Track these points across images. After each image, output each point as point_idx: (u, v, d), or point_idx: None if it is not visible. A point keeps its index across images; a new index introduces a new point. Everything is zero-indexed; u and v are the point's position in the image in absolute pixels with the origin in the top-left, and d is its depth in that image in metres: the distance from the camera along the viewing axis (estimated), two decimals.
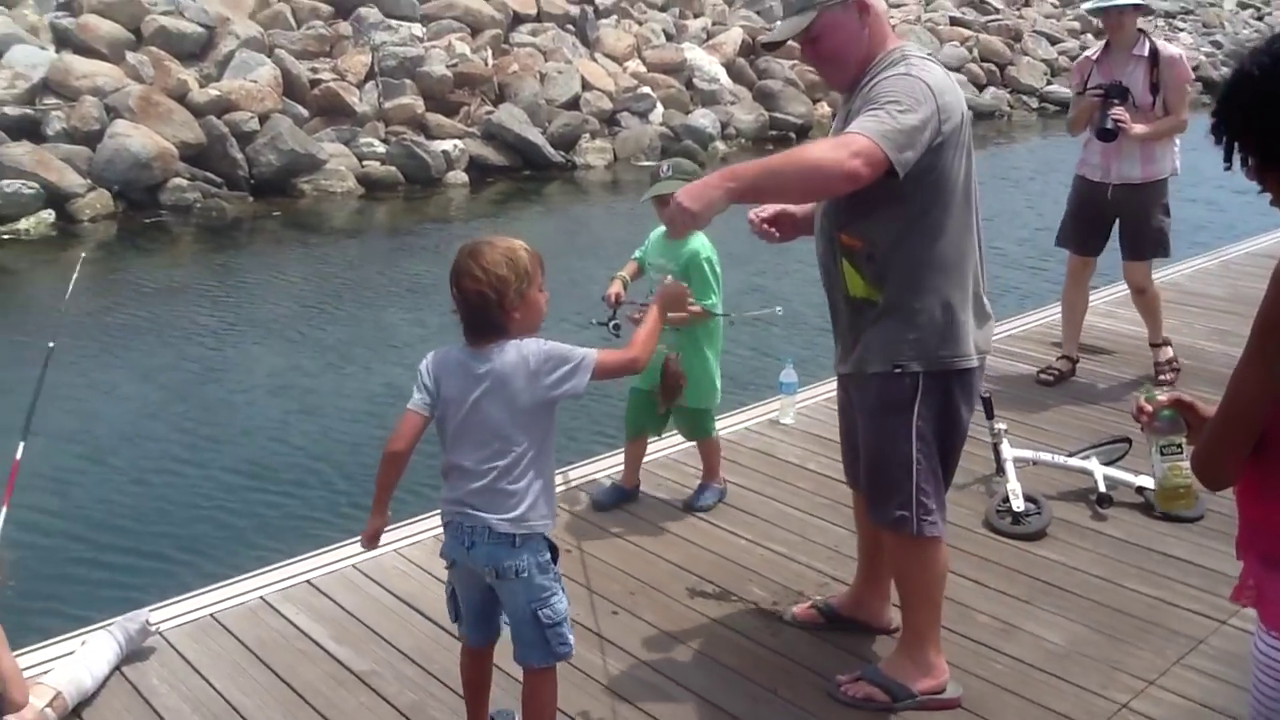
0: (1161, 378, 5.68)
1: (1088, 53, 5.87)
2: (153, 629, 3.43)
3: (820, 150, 2.65)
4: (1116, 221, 5.66)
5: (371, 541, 2.85)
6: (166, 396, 7.26)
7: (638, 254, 4.37)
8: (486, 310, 2.55)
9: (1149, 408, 2.03)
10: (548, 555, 2.69)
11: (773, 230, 3.23)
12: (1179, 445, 2.03)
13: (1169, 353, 5.87)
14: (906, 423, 2.93)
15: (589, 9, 19.42)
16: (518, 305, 2.56)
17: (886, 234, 2.83)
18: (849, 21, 2.82)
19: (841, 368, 3.13)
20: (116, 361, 7.96)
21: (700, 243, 4.10)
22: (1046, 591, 3.78)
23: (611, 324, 4.11)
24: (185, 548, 5.18)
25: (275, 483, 5.96)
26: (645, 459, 4.55)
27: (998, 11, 26.51)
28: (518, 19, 18.58)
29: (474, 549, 2.64)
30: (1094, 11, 5.97)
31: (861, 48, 2.86)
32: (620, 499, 4.42)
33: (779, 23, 2.94)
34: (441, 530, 2.78)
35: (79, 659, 3.21)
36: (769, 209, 3.22)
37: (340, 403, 7.17)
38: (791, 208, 3.22)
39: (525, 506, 2.61)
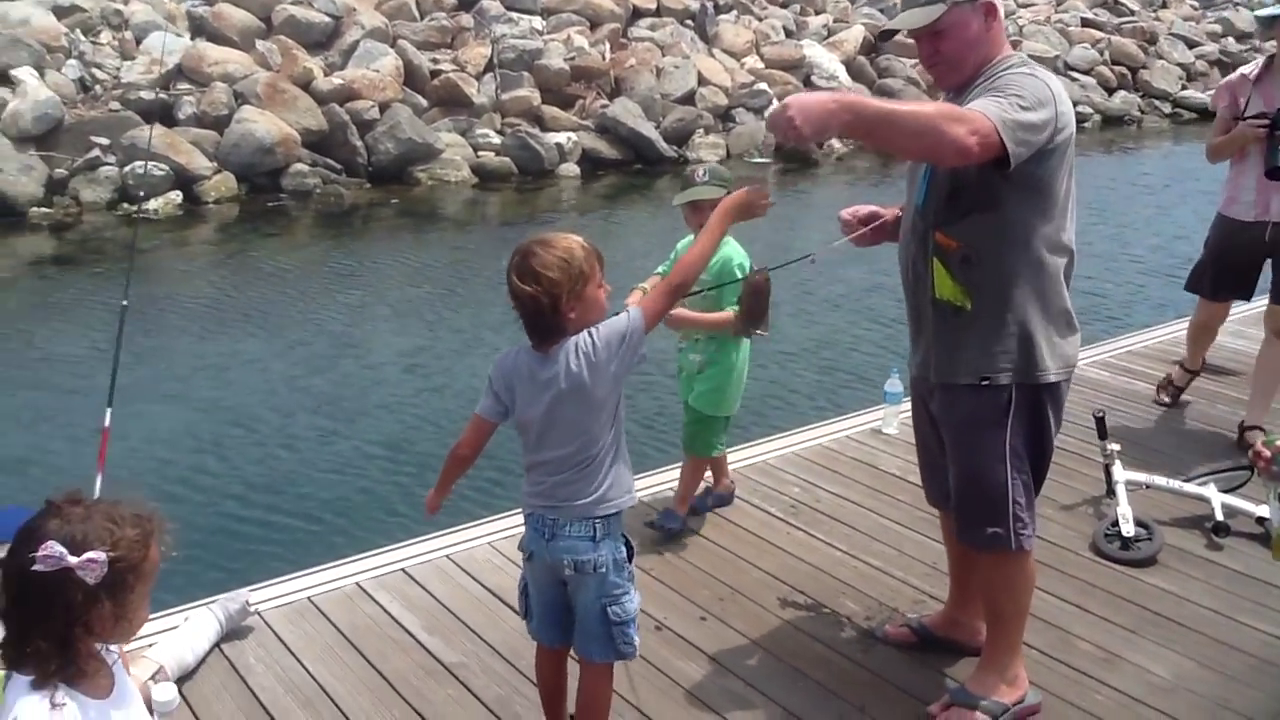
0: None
1: (1243, 70, 5.05)
2: (252, 609, 3.52)
3: (942, 114, 2.53)
4: (1268, 262, 5.03)
5: (431, 511, 2.93)
6: (277, 380, 7.46)
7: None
8: (541, 314, 2.53)
9: (1267, 452, 1.92)
10: (624, 552, 2.70)
11: (866, 231, 3.13)
12: None
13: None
14: (1000, 440, 2.86)
15: (709, 4, 19.34)
16: (574, 305, 2.53)
17: (985, 237, 2.76)
18: (974, 21, 2.77)
19: (921, 372, 3.04)
20: (229, 343, 8.21)
21: (733, 248, 3.93)
22: (1154, 622, 3.63)
23: None
24: (286, 531, 5.32)
25: (376, 470, 6.07)
26: (739, 464, 4.51)
27: (1133, 13, 25.61)
28: (637, 13, 18.62)
29: (554, 541, 2.64)
30: (1265, 21, 4.90)
31: (981, 50, 2.81)
32: (717, 503, 4.37)
33: (903, 12, 2.83)
34: None
35: (182, 635, 3.31)
36: (865, 209, 3.14)
37: (445, 393, 7.28)
38: (884, 212, 3.13)
39: (606, 486, 2.63)
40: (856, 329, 8.67)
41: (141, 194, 12.27)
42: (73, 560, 1.70)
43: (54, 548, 1.69)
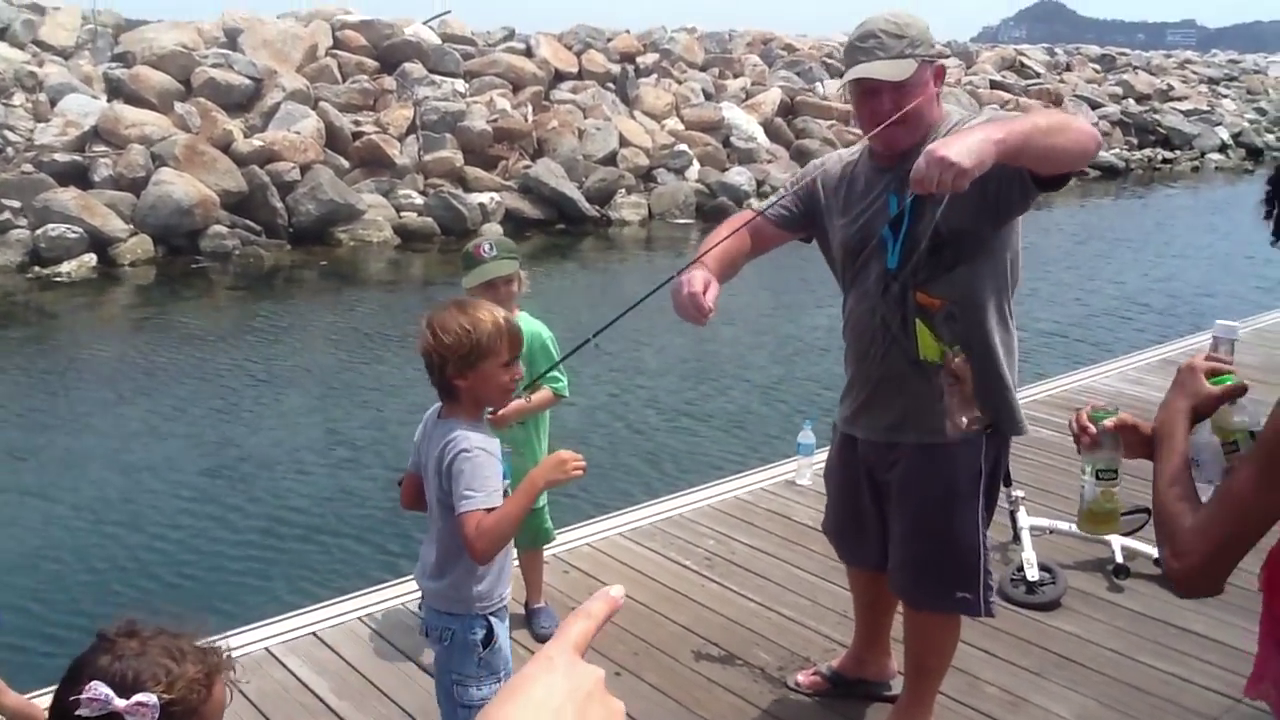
0: None
1: None
2: None
3: (1059, 114, 2.52)
4: None
5: None
6: (190, 445, 7.34)
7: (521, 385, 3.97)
8: (432, 370, 2.51)
9: (1093, 428, 1.94)
10: (479, 635, 2.58)
11: (711, 308, 2.68)
12: (1115, 470, 1.94)
13: None
14: (975, 502, 2.83)
15: (629, 68, 19.70)
16: (465, 374, 2.46)
17: (967, 292, 2.72)
18: (930, 83, 2.71)
19: (876, 436, 2.94)
20: (142, 409, 8.06)
21: (537, 325, 3.71)
22: (1059, 664, 3.71)
23: None
24: (194, 597, 5.20)
25: (284, 532, 5.98)
26: (657, 517, 4.53)
27: (1038, 76, 26.63)
28: (559, 76, 18.89)
29: (427, 616, 2.67)
30: None
31: (932, 112, 2.75)
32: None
33: (868, 64, 2.67)
34: None
35: None
36: (702, 283, 2.66)
37: (354, 454, 7.21)
38: (715, 277, 2.75)
39: (446, 586, 2.56)
40: (767, 382, 8.78)
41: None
42: (120, 704, 1.49)
43: (99, 689, 1.49)
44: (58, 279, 11.90)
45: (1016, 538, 4.37)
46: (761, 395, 8.45)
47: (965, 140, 2.22)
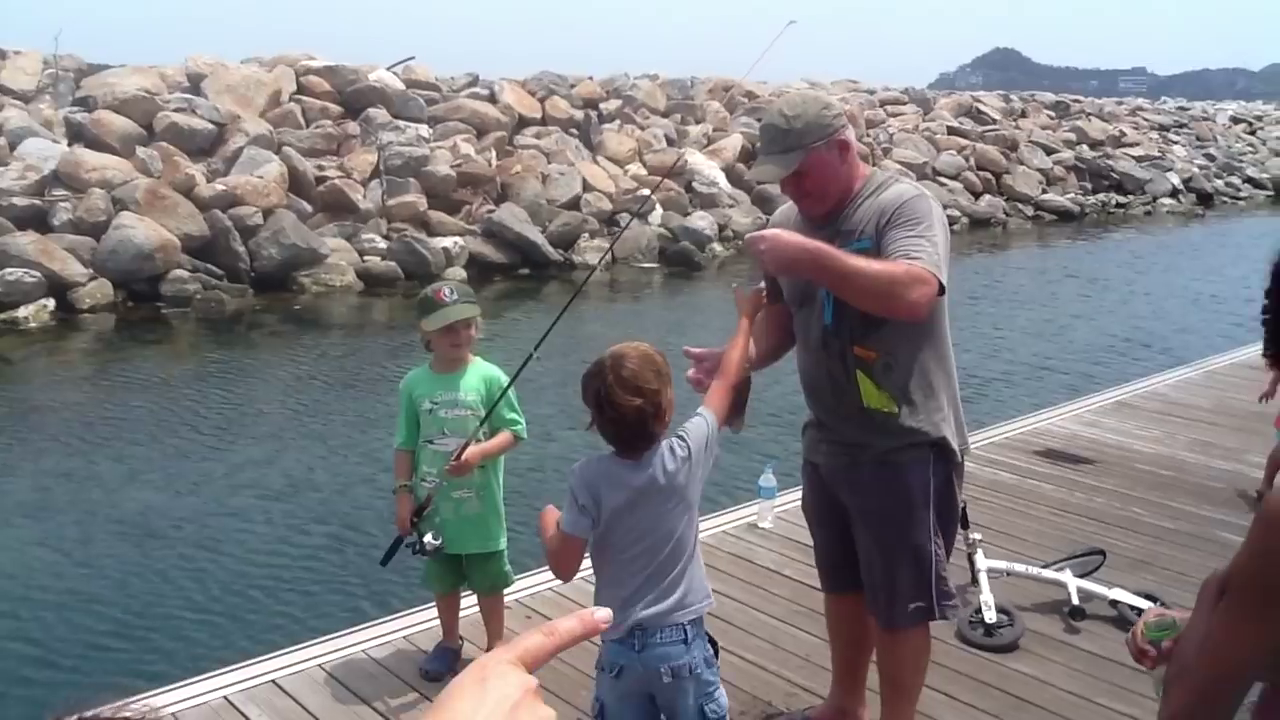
0: None
1: None
2: None
3: (899, 278, 2.70)
4: None
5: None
6: (145, 492, 7.26)
7: (399, 439, 3.82)
8: (644, 424, 2.56)
9: (1153, 651, 1.78)
10: (711, 649, 2.73)
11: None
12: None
13: None
14: (925, 515, 3.03)
15: (593, 114, 19.88)
16: (667, 411, 2.61)
17: (900, 342, 2.95)
18: (831, 159, 2.94)
19: (834, 461, 3.15)
20: (99, 457, 7.97)
21: (494, 370, 3.78)
22: (1018, 707, 3.74)
23: (419, 544, 3.68)
24: (149, 644, 5.13)
25: (244, 580, 5.91)
26: None
27: (995, 122, 27.10)
28: (523, 122, 19.03)
29: (645, 651, 2.62)
30: None
31: (841, 182, 2.99)
32: (454, 661, 3.94)
33: (763, 163, 3.00)
34: (396, 638, 2.75)
35: None
36: (704, 356, 3.03)
37: (316, 501, 7.17)
38: (718, 352, 3.01)
39: (694, 588, 2.68)
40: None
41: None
42: None
43: None
44: (15, 324, 11.77)
45: (974, 580, 4.42)
46: (723, 439, 8.47)
47: (789, 243, 2.71)
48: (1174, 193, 27.74)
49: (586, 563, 2.77)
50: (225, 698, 3.69)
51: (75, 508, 6.94)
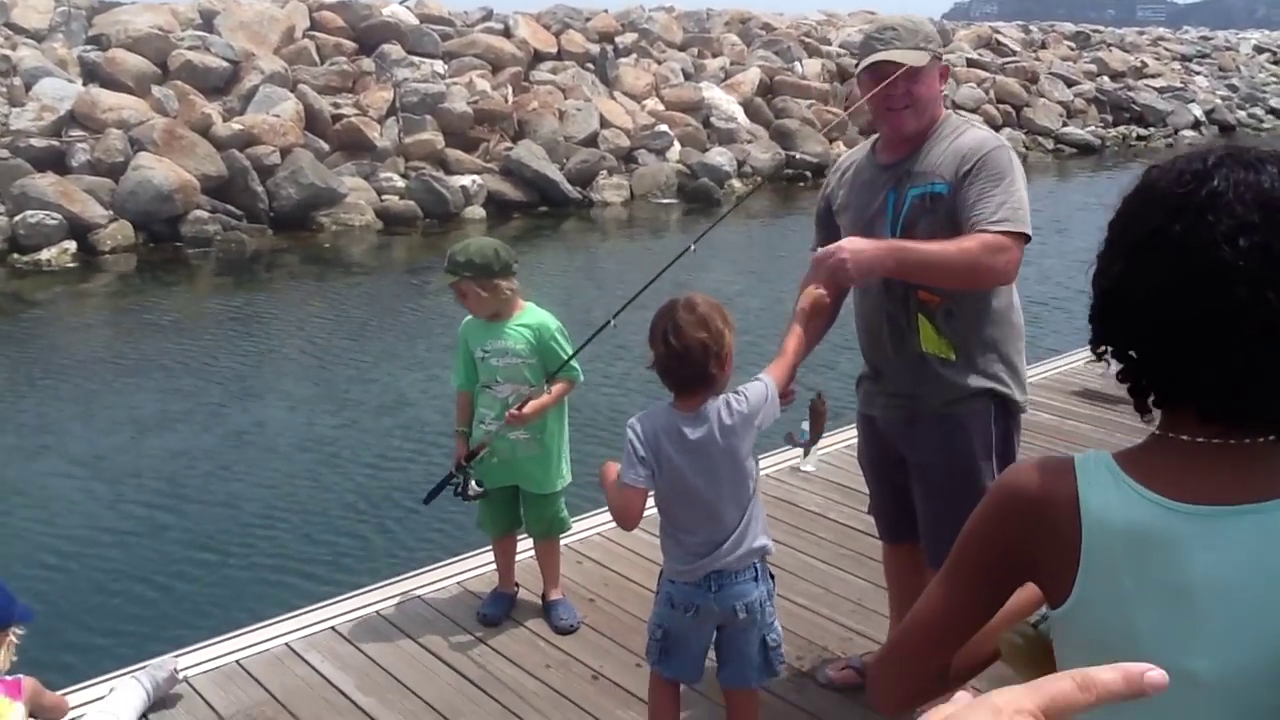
0: None
1: None
2: (180, 676, 3.44)
3: (981, 250, 2.69)
4: None
5: None
6: (184, 435, 7.29)
7: (456, 381, 3.89)
8: (706, 363, 2.63)
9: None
10: (772, 583, 2.89)
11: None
12: None
13: None
14: (989, 464, 2.99)
15: (609, 48, 19.64)
16: (728, 358, 2.69)
17: (966, 291, 2.92)
18: (937, 79, 2.96)
19: (892, 414, 3.12)
20: (135, 398, 8.01)
21: (543, 315, 3.80)
22: None
23: (462, 488, 3.71)
24: (211, 591, 5.18)
25: (297, 526, 5.94)
26: None
27: (1014, 53, 26.71)
28: (538, 57, 18.80)
29: (722, 590, 2.75)
30: None
31: (937, 106, 2.97)
32: (509, 607, 3.98)
33: (887, 50, 2.86)
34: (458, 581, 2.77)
35: (108, 705, 3.22)
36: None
37: (362, 442, 7.19)
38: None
39: (760, 528, 2.81)
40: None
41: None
42: None
43: None
44: (38, 266, 11.77)
45: None
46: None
47: (868, 249, 2.67)
48: (1196, 125, 27.36)
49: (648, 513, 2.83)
50: (287, 644, 3.73)
51: (111, 452, 6.98)
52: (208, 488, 6.42)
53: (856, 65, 3.03)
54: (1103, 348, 1.28)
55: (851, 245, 2.67)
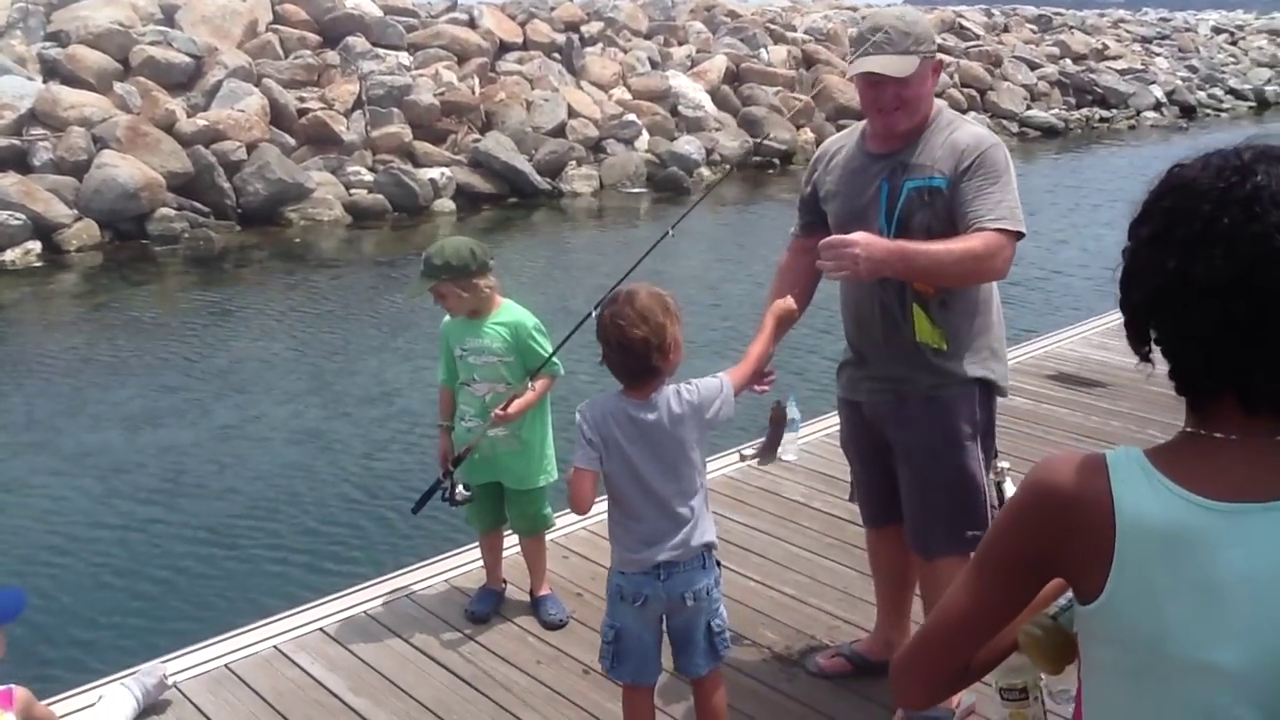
0: None
1: None
2: (169, 682, 3.42)
3: (983, 251, 2.78)
4: None
5: None
6: (165, 436, 7.22)
7: (442, 375, 3.91)
8: (649, 356, 2.68)
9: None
10: (718, 569, 2.93)
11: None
12: (1022, 688, 1.63)
13: None
14: (976, 446, 3.10)
15: (574, 37, 19.55)
16: (672, 348, 2.72)
17: None
18: (930, 77, 2.95)
19: (877, 396, 3.16)
20: (106, 400, 7.93)
21: (520, 313, 3.79)
22: None
23: (449, 493, 3.70)
24: (197, 595, 5.14)
25: (282, 526, 5.90)
26: None
27: (978, 38, 26.83)
28: (504, 47, 18.69)
29: (670, 579, 2.79)
30: None
31: (926, 105, 2.99)
32: (497, 603, 3.99)
33: (877, 57, 2.88)
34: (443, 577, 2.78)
35: (96, 714, 3.21)
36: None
37: (343, 439, 7.15)
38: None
39: (708, 519, 2.85)
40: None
41: None
42: None
43: None
44: (1, 267, 11.61)
45: (1003, 506, 4.48)
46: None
47: (879, 248, 2.71)
48: (1157, 106, 27.60)
49: (603, 508, 2.90)
50: (276, 647, 3.72)
51: (83, 455, 6.90)
52: (189, 490, 6.37)
53: (849, 59, 3.04)
54: (1147, 347, 1.30)
55: (866, 241, 2.69)
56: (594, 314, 2.95)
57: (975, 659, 1.41)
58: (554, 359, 3.76)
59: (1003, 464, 4.55)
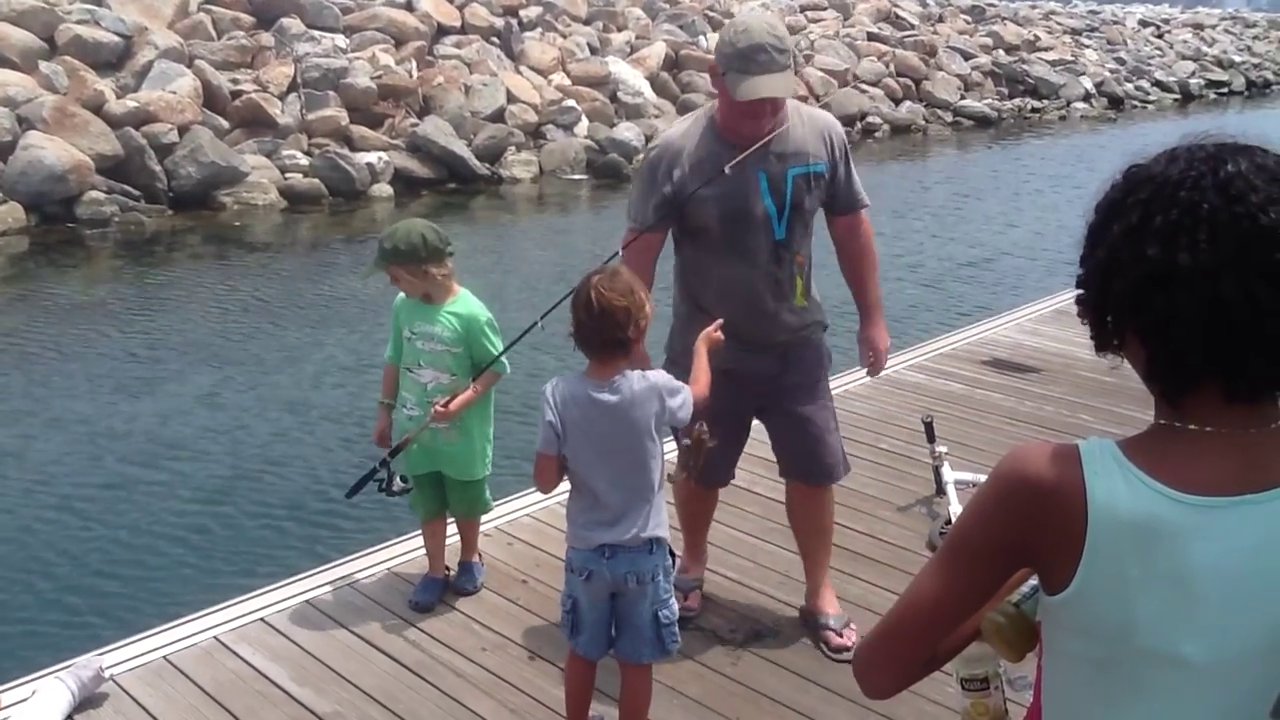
0: None
1: None
2: (106, 675, 3.37)
3: (872, 237, 3.63)
4: None
5: None
6: (96, 425, 7.08)
7: (390, 352, 3.90)
8: (626, 325, 2.73)
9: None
10: (670, 561, 2.97)
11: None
12: (984, 678, 1.63)
13: None
14: (828, 385, 3.71)
15: (513, 22, 19.40)
16: (643, 330, 2.80)
17: (810, 247, 3.51)
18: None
19: (763, 357, 3.47)
20: (33, 388, 7.74)
21: (475, 306, 3.78)
22: None
23: (386, 484, 3.63)
24: (134, 587, 5.05)
25: (220, 516, 5.81)
26: None
27: (913, 28, 27.07)
28: (442, 30, 18.50)
29: (614, 559, 2.84)
30: None
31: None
32: (441, 591, 3.96)
33: (769, 78, 3.09)
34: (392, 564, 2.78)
35: (30, 709, 3.15)
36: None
37: (280, 426, 7.06)
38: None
39: (658, 518, 2.87)
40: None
41: None
42: None
43: None
44: None
45: (941, 490, 4.56)
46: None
47: (885, 336, 3.70)
48: (1086, 97, 28.11)
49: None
50: (216, 638, 3.68)
51: (15, 448, 6.74)
52: (121, 481, 6.25)
53: (724, 72, 3.16)
54: (1116, 340, 1.30)
55: (883, 337, 3.67)
56: (539, 324, 3.03)
57: (940, 647, 1.43)
58: (502, 361, 3.76)
59: (940, 448, 4.68)
